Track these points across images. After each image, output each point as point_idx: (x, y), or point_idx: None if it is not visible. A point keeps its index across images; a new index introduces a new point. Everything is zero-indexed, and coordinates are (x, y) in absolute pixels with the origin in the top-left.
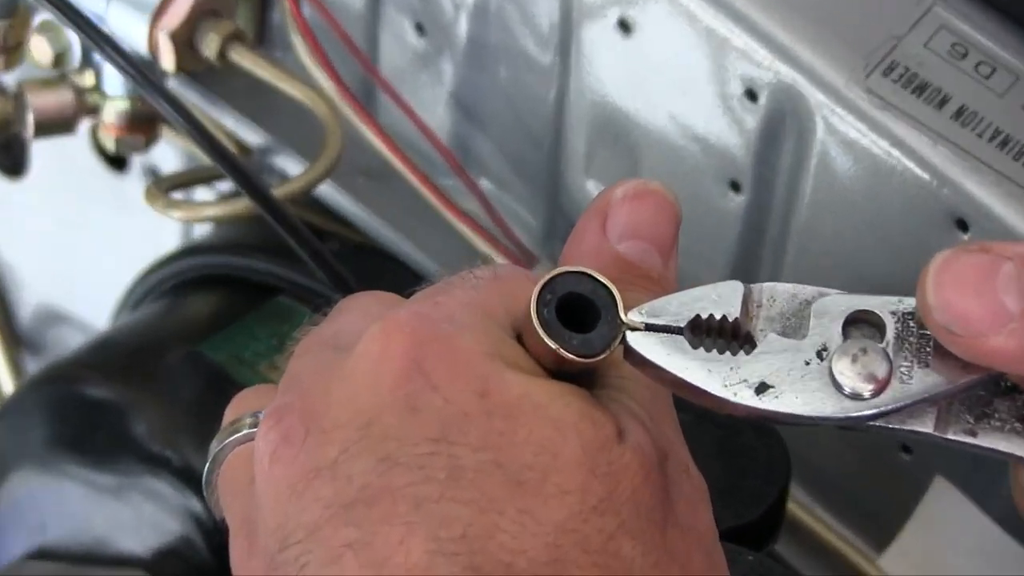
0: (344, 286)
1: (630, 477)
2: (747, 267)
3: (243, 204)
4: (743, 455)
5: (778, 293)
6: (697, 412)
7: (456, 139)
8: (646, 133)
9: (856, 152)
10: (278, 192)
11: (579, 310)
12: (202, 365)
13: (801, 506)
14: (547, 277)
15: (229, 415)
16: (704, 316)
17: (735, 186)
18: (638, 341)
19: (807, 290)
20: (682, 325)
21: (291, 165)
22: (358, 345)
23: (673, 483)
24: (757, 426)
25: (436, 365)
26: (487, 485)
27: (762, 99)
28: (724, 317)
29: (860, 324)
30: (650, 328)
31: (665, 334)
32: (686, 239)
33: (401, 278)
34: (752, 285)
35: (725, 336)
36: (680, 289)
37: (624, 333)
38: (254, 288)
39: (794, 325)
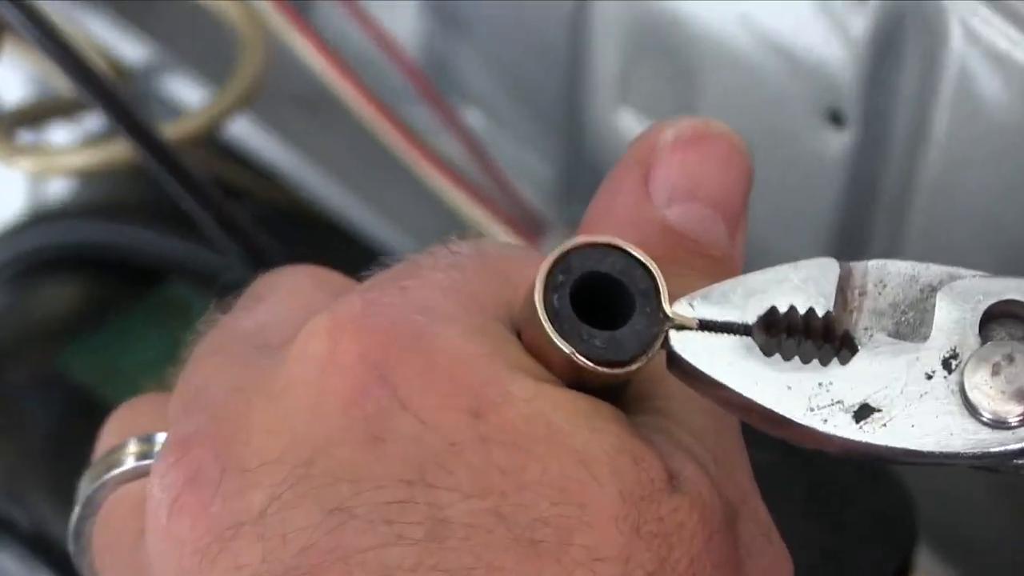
0: (268, 267)
1: (687, 541)
2: (852, 239)
3: (118, 150)
4: (848, 510)
5: (890, 276)
6: (777, 447)
7: (430, 53)
8: (706, 44)
9: (1010, 71)
10: (170, 132)
11: (606, 299)
12: (60, 385)
13: None
14: (559, 251)
15: (107, 440)
16: (783, 309)
17: (836, 119)
18: (687, 344)
19: (933, 271)
20: (751, 322)
21: (189, 92)
22: (294, 345)
23: (746, 551)
24: (866, 466)
25: (408, 374)
26: (485, 548)
27: None
28: (811, 311)
29: (1005, 320)
30: (705, 326)
31: (726, 335)
32: (764, 198)
33: (347, 255)
34: (853, 264)
35: (813, 337)
36: (749, 271)
37: (667, 332)
38: (135, 272)
39: (912, 322)
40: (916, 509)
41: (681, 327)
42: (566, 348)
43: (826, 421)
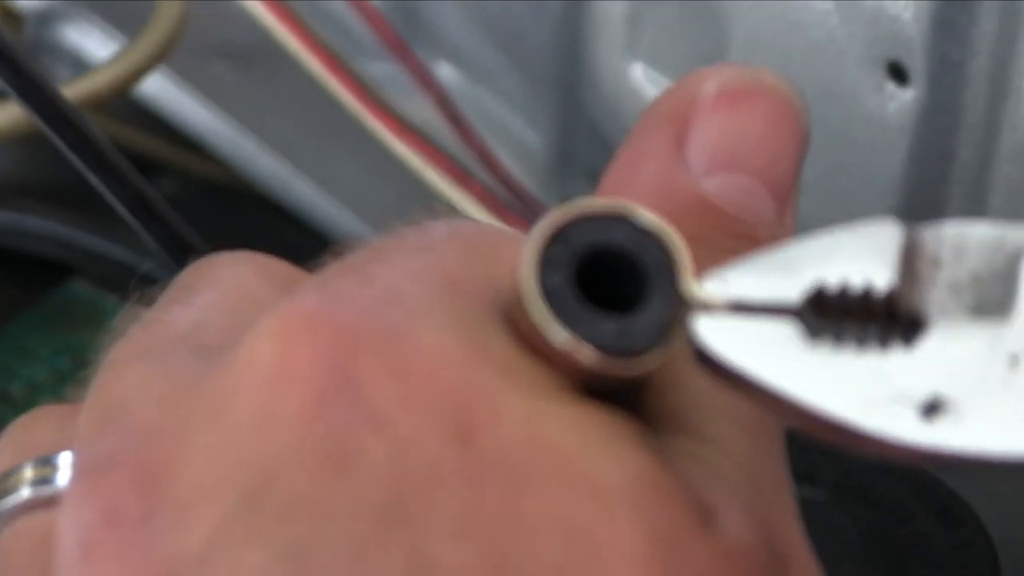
0: (191, 258)
1: None
2: (920, 218)
3: (6, 116)
4: (916, 558)
5: (969, 242)
6: (824, 481)
7: None
8: None
9: None
10: (71, 92)
11: (615, 280)
12: None
13: None
14: (555, 220)
15: (4, 456)
16: (835, 284)
17: (898, 73)
18: (717, 333)
19: (1021, 236)
20: (796, 300)
21: (94, 43)
22: (238, 349)
23: None
24: (939, 507)
25: (379, 382)
26: None
27: None
28: (870, 286)
29: None
30: (740, 309)
31: (765, 318)
32: (811, 169)
33: (293, 241)
34: (925, 229)
35: (873, 318)
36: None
37: (690, 317)
38: (28, 268)
39: (996, 297)
40: (998, 558)
41: (708, 309)
42: (565, 338)
43: (885, 420)
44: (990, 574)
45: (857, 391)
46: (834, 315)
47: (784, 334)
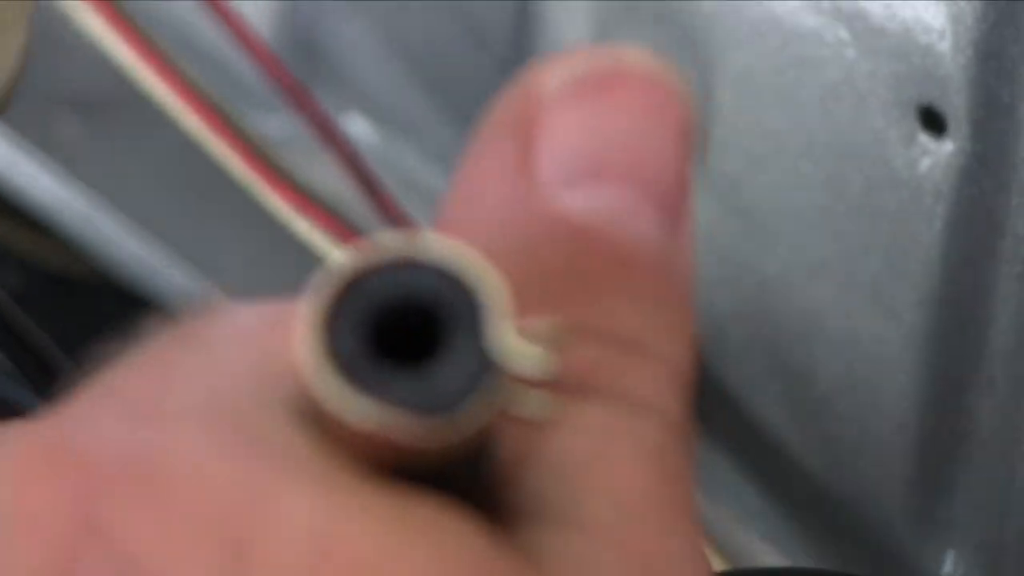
0: (41, 370)
1: None
2: (963, 301)
3: None
4: None
5: None
6: None
7: (293, 25)
8: (726, 1)
9: None
10: None
11: (424, 333)
12: None
13: None
14: (346, 271)
15: None
16: None
17: (932, 121)
18: None
19: None
20: None
21: None
22: None
23: None
24: None
25: (134, 516)
26: None
27: None
28: None
29: None
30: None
31: None
32: (832, 245)
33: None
34: None
35: None
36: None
37: (489, 377)
38: None
39: None
40: None
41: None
42: (346, 402)
43: None
44: None
45: None
46: None
47: None
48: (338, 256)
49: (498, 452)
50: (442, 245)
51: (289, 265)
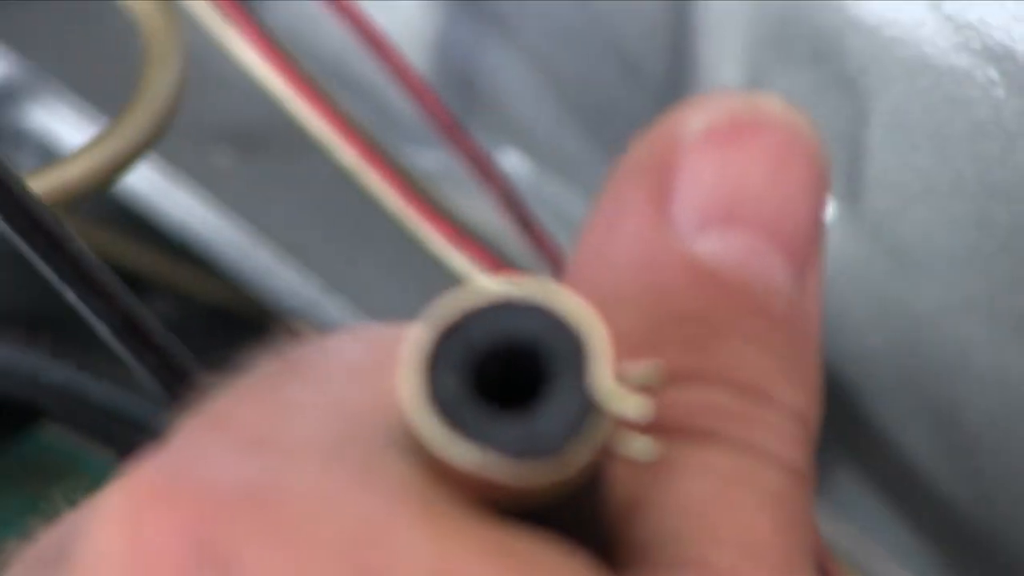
0: (186, 393)
1: None
2: None
3: None
4: None
5: None
6: None
7: (450, 63)
8: (878, 43)
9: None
10: (40, 185)
11: (538, 378)
12: None
13: None
14: (449, 311)
15: None
16: None
17: None
18: None
19: None
20: None
21: (67, 126)
22: (84, 542)
23: None
24: None
25: (253, 550)
26: None
27: None
28: None
29: None
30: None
31: None
32: (972, 278)
33: None
34: None
35: None
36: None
37: (593, 422)
38: None
39: None
40: None
41: (626, 418)
42: (454, 448)
43: None
44: None
45: None
46: None
47: None
48: (440, 300)
49: (612, 493)
50: (541, 288)
51: (439, 291)
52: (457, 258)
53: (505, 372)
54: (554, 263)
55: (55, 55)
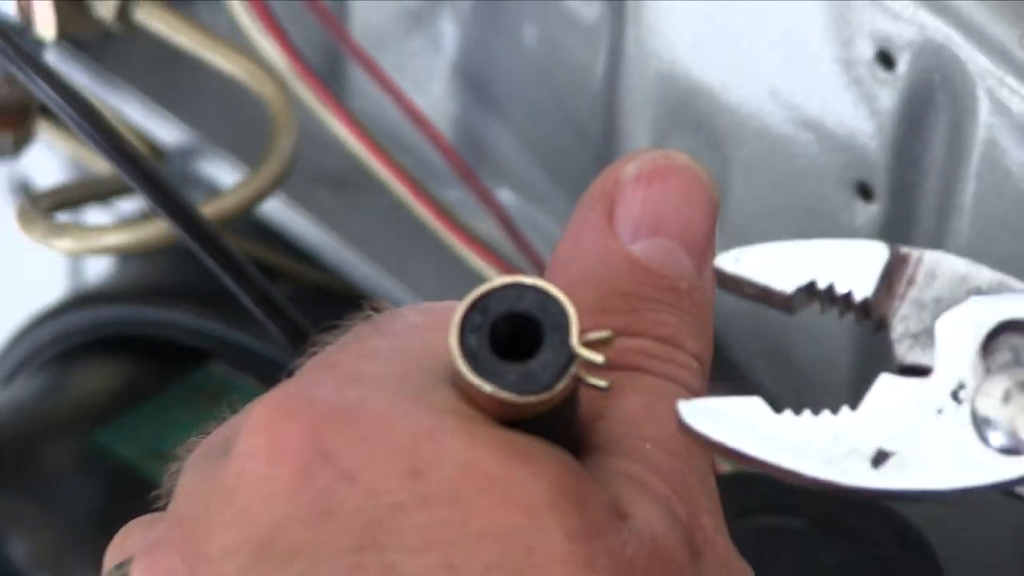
0: (305, 346)
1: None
2: None
3: (156, 230)
4: (872, 564)
5: (942, 270)
6: (806, 514)
7: (463, 131)
8: (736, 116)
9: None
10: (207, 211)
11: (532, 336)
12: (103, 462)
13: None
14: (475, 294)
15: (111, 558)
16: (822, 285)
17: (864, 192)
18: (697, 413)
19: (984, 275)
20: (789, 291)
21: (224, 173)
22: (239, 441)
23: None
24: (898, 535)
25: (346, 446)
26: None
27: (901, 65)
28: (850, 292)
29: (1013, 335)
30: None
31: (735, 397)
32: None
33: None
34: (910, 251)
35: (851, 312)
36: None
37: (570, 369)
38: (175, 353)
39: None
40: (936, 555)
41: (589, 362)
42: (477, 382)
43: (846, 472)
44: None
45: (818, 452)
46: (819, 303)
47: (755, 409)
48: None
49: (580, 412)
50: (534, 279)
51: (460, 281)
52: (473, 257)
53: (512, 332)
54: (535, 263)
55: (215, 127)
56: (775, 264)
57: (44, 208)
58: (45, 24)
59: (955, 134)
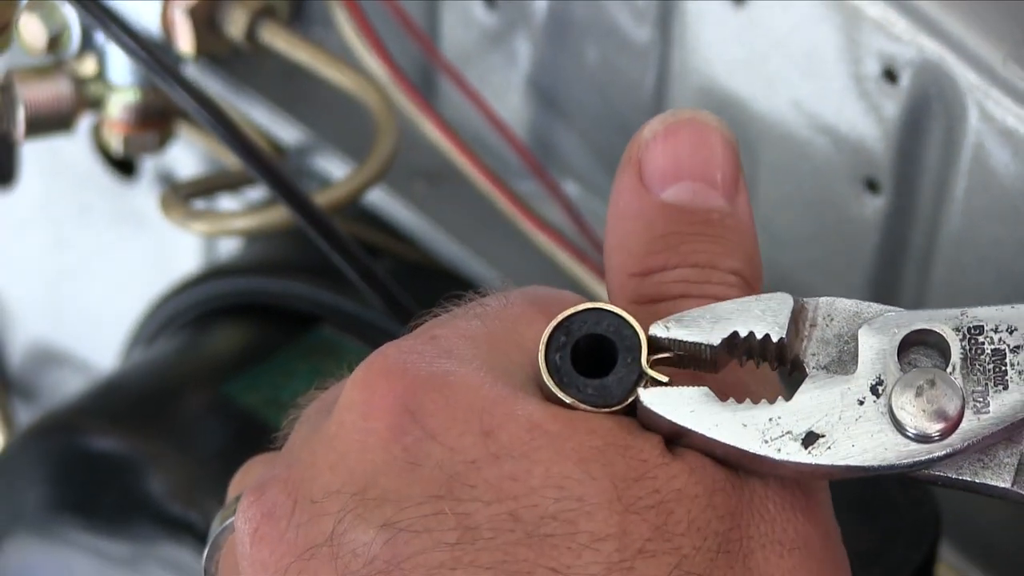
0: (403, 314)
1: (687, 503)
2: (887, 284)
3: (278, 215)
4: (885, 513)
5: (837, 311)
6: None
7: (534, 134)
8: (764, 124)
9: (1017, 144)
10: (320, 200)
11: (609, 351)
12: (230, 410)
13: (956, 573)
14: (560, 317)
15: (233, 491)
16: (743, 334)
17: (872, 186)
18: (655, 397)
19: (873, 309)
20: (715, 343)
21: (335, 167)
22: (342, 396)
23: (753, 515)
24: (901, 479)
25: (432, 409)
26: (508, 545)
27: (903, 80)
28: (767, 336)
29: (920, 347)
30: (670, 360)
31: (688, 387)
32: (810, 253)
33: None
34: (807, 300)
35: (768, 359)
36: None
37: (639, 386)
38: (292, 317)
39: (852, 350)
40: (939, 514)
41: (654, 381)
42: (562, 396)
43: (780, 450)
44: (931, 523)
45: (757, 432)
46: (742, 355)
47: (700, 397)
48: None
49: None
50: (611, 305)
51: (535, 260)
52: (542, 239)
53: (589, 349)
54: (594, 245)
55: (328, 129)
56: (700, 324)
57: (183, 196)
58: (185, 41)
59: (949, 138)
